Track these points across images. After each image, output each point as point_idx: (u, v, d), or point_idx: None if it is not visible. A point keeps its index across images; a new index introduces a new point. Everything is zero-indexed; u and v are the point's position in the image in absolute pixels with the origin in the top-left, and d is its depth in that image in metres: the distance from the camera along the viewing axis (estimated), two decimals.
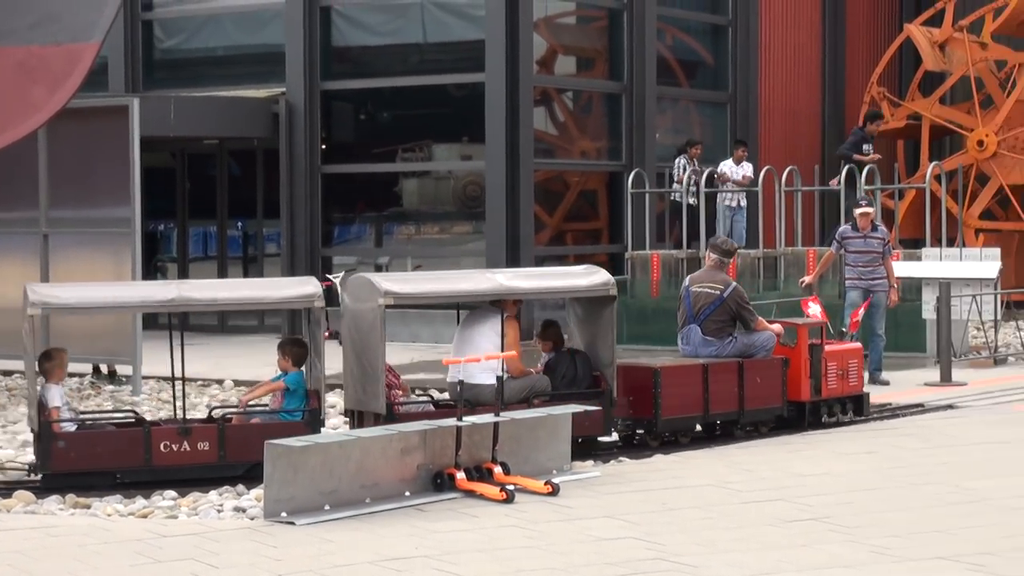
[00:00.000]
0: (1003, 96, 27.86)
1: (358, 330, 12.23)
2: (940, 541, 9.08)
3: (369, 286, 12.09)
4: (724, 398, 13.55)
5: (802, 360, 14.10)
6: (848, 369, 14.52)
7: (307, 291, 12.19)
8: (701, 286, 14.13)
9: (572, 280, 13.20)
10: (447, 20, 24.56)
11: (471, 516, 9.94)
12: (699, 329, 13.98)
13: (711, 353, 13.87)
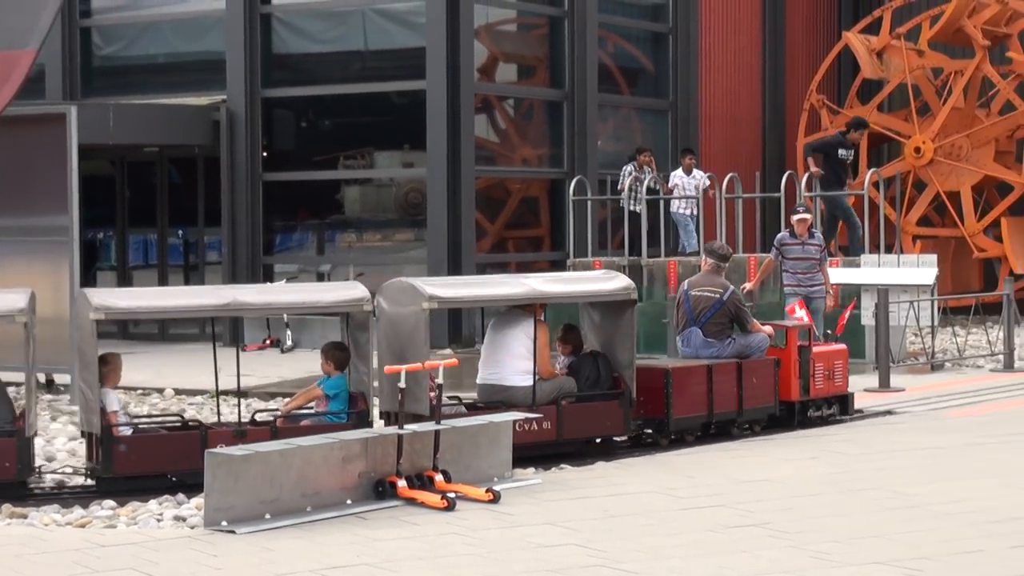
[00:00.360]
0: (939, 103, 28.07)
1: (397, 334, 12.49)
2: (878, 546, 9.12)
3: (412, 291, 12.40)
4: (726, 398, 13.99)
5: (791, 361, 14.58)
6: (834, 370, 15.02)
7: (357, 295, 12.36)
8: (701, 290, 14.57)
9: (597, 284, 13.60)
10: (388, 28, 24.53)
11: (412, 524, 9.91)
12: (700, 331, 14.38)
13: (712, 354, 14.26)
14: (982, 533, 9.45)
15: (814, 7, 31.03)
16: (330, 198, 25.34)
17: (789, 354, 14.58)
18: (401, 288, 12.61)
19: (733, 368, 14.08)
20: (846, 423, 14.92)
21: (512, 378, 12.88)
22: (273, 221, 25.20)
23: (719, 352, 14.25)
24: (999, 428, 14.26)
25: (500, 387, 12.77)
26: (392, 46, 24.73)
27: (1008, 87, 27.81)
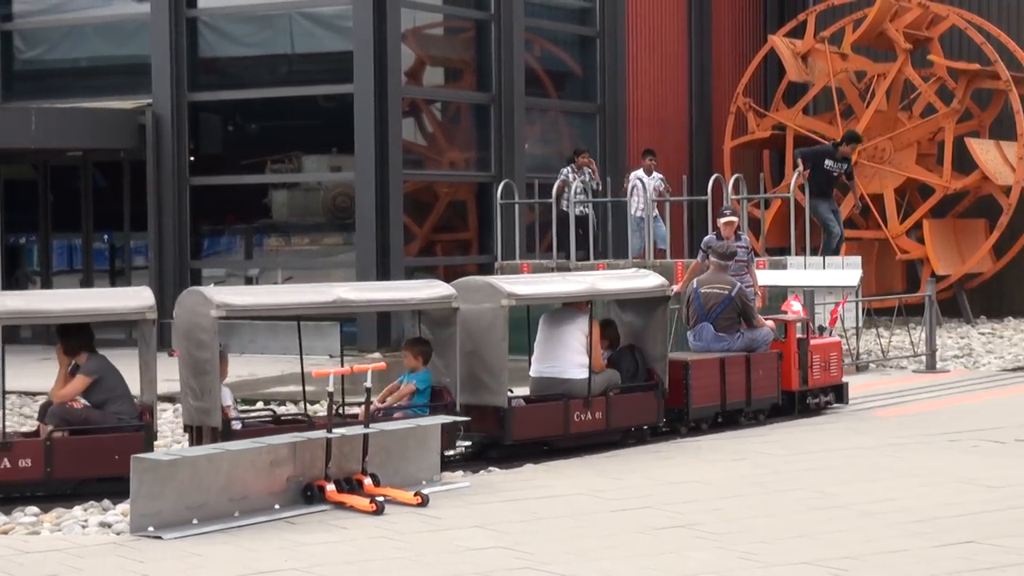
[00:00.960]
0: (863, 106, 28.30)
1: (470, 331, 12.86)
2: (804, 546, 9.19)
3: (489, 288, 12.97)
4: (737, 389, 14.86)
5: (792, 354, 15.50)
6: (830, 361, 16.04)
7: (445, 292, 12.76)
8: (710, 287, 15.47)
9: (639, 282, 14.25)
10: (315, 31, 24.48)
11: (341, 528, 9.89)
12: (711, 326, 15.24)
13: (723, 348, 15.12)
14: (905, 532, 9.53)
15: (739, 11, 31.20)
16: (258, 202, 25.24)
17: (789, 347, 15.50)
18: (476, 286, 13.16)
19: (743, 361, 14.93)
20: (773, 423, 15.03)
21: (571, 371, 13.50)
22: (200, 225, 25.08)
23: (729, 345, 15.11)
24: (921, 428, 14.41)
25: (559, 380, 13.46)
26: (319, 50, 24.67)
27: (929, 90, 28.08)
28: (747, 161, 29.35)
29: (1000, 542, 9.21)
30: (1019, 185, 27.29)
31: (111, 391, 11.78)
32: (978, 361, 21.65)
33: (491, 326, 12.82)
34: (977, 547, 9.09)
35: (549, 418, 13.22)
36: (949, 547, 9.10)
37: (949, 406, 16.36)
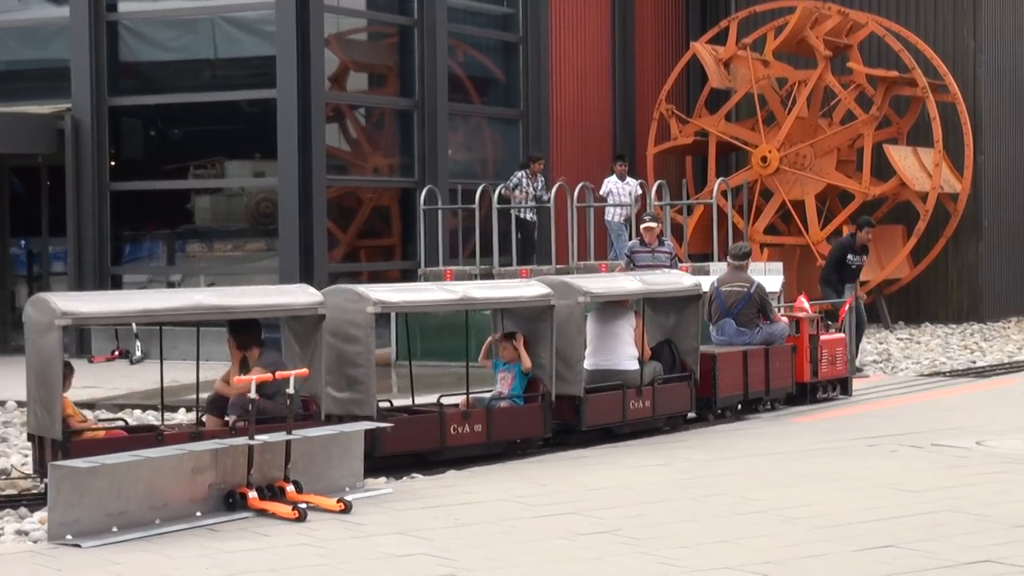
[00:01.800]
0: (785, 113, 28.50)
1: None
2: (726, 551, 9.22)
3: (567, 287, 14.00)
4: (757, 379, 16.10)
5: (804, 348, 16.85)
6: (836, 356, 17.35)
7: (544, 292, 13.78)
8: (730, 286, 16.69)
9: (677, 282, 15.61)
10: (238, 36, 24.36)
11: (263, 535, 9.83)
12: (733, 321, 16.45)
13: (744, 341, 16.33)
14: (825, 537, 9.58)
15: (662, 17, 31.33)
16: (180, 208, 25.07)
17: (802, 341, 16.82)
18: (557, 285, 14.08)
19: (762, 353, 16.19)
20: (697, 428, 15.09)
21: (625, 363, 14.70)
22: (121, 231, 24.88)
23: (750, 339, 16.34)
24: (840, 434, 14.52)
25: (614, 371, 14.62)
26: (242, 54, 24.56)
27: (849, 97, 28.33)
28: (670, 167, 29.49)
29: (918, 546, 9.28)
30: (936, 192, 27.58)
31: (281, 383, 12.06)
32: (896, 366, 21.86)
33: (567, 321, 13.88)
34: (896, 551, 9.15)
35: (612, 406, 14.33)
36: (868, 551, 9.16)
37: (868, 411, 16.50)
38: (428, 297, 13.97)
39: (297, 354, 12.73)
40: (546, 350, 13.76)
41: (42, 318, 11.52)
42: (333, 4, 23.89)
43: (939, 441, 13.76)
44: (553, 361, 13.73)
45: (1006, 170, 31.05)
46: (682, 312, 15.37)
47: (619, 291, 14.83)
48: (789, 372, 16.56)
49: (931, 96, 27.83)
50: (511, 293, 14.07)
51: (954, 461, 12.67)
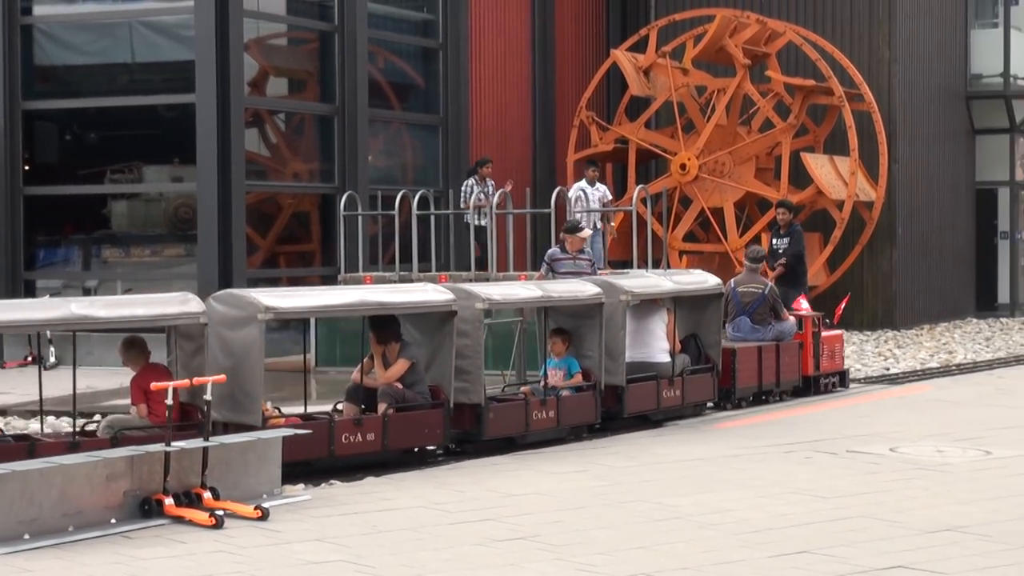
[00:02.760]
0: (704, 121, 28.65)
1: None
2: (643, 557, 9.26)
3: (611, 287, 15.45)
4: (769, 372, 17.74)
5: (809, 343, 18.55)
6: (835, 351, 19.14)
7: (595, 291, 15.09)
8: (746, 287, 18.48)
9: (706, 282, 17.04)
10: (156, 40, 24.20)
11: (179, 542, 9.77)
12: (749, 319, 18.19)
13: (758, 338, 18.02)
14: (743, 543, 9.65)
15: (583, 25, 31.41)
16: (96, 213, 24.86)
17: (807, 338, 18.51)
18: (603, 285, 15.43)
19: (774, 349, 17.88)
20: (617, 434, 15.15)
21: (658, 355, 16.15)
22: (35, 236, 24.64)
23: (763, 336, 18.05)
24: (758, 440, 14.60)
25: (648, 363, 16.02)
26: (160, 59, 24.40)
27: (767, 105, 28.52)
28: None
29: (832, 552, 9.36)
30: (852, 199, 27.82)
31: (418, 374, 13.67)
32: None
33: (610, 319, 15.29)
34: (811, 557, 9.23)
35: (648, 395, 15.77)
36: (784, 557, 9.23)
37: (785, 417, 16.62)
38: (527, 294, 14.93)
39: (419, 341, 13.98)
40: (595, 344, 15.13)
41: (240, 313, 12.45)
42: (253, 9, 23.77)
43: (854, 448, 13.89)
44: (602, 354, 15.08)
45: (919, 179, 31.38)
46: (706, 309, 16.93)
47: (655, 290, 16.21)
48: (796, 366, 18.27)
49: (847, 105, 28.07)
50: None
51: (868, 468, 12.79)
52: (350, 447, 13.08)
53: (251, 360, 12.48)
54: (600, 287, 15.20)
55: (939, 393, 18.94)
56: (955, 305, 32.27)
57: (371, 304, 13.70)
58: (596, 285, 15.25)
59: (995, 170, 34.81)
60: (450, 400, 13.74)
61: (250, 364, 12.48)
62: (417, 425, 13.62)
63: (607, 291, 15.19)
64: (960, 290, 33.03)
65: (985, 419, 16.14)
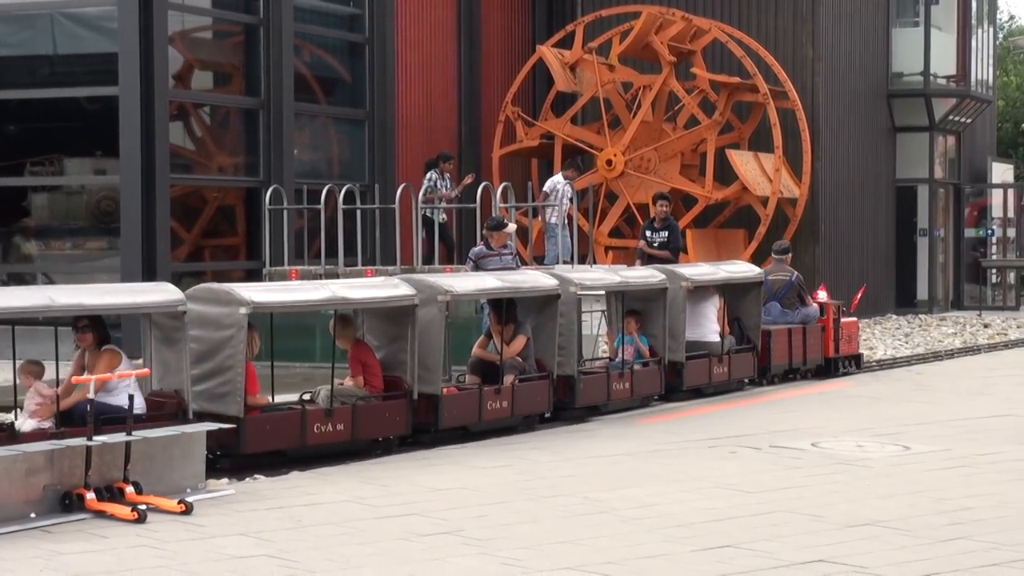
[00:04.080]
0: (629, 117, 28.72)
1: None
2: (568, 552, 9.27)
3: (674, 274, 17.51)
4: (798, 352, 19.73)
5: (830, 328, 20.44)
6: (851, 335, 21.13)
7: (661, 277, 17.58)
8: (775, 275, 20.37)
9: (751, 271, 19.42)
10: (79, 32, 23.98)
11: (101, 537, 9.68)
12: (779, 304, 20.08)
13: (787, 320, 19.94)
14: (666, 537, 9.68)
15: (509, 20, 31.42)
16: (16, 205, 24.62)
17: (828, 323, 20.39)
18: (668, 273, 17.48)
19: (801, 331, 19.84)
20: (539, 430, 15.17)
21: (710, 336, 18.14)
22: None
23: (791, 319, 19.96)
24: (682, 435, 14.67)
25: (702, 342, 18.01)
26: (83, 51, 24.17)
27: (692, 102, 28.64)
28: (515, 169, 29.58)
29: (755, 546, 9.41)
30: (776, 196, 27.97)
31: (530, 349, 15.49)
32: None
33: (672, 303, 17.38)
34: (734, 551, 9.27)
35: (702, 370, 17.80)
36: (707, 551, 9.27)
37: (710, 412, 16.70)
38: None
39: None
40: (659, 324, 17.16)
41: (424, 295, 14.11)
42: (177, 2, 23.62)
43: (777, 442, 13.98)
44: (666, 333, 17.08)
45: (842, 176, 31.62)
46: (748, 295, 19.02)
47: (709, 278, 18.17)
48: (820, 347, 20.19)
49: (772, 102, 28.22)
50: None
51: (791, 462, 12.87)
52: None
53: (432, 335, 14.21)
54: (664, 274, 17.31)
55: (859, 389, 19.10)
56: (876, 301, 32.51)
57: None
58: (661, 272, 17.36)
59: (915, 168, 35.13)
60: (553, 372, 15.59)
61: (431, 339, 14.17)
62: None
63: (670, 277, 17.28)
64: (881, 286, 33.31)
65: (903, 415, 16.29)
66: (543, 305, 15.77)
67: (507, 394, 14.89)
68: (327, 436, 13.28)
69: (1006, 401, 17.34)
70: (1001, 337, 28.34)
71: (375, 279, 16.11)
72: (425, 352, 14.15)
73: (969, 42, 36.33)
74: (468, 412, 14.63)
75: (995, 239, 39.51)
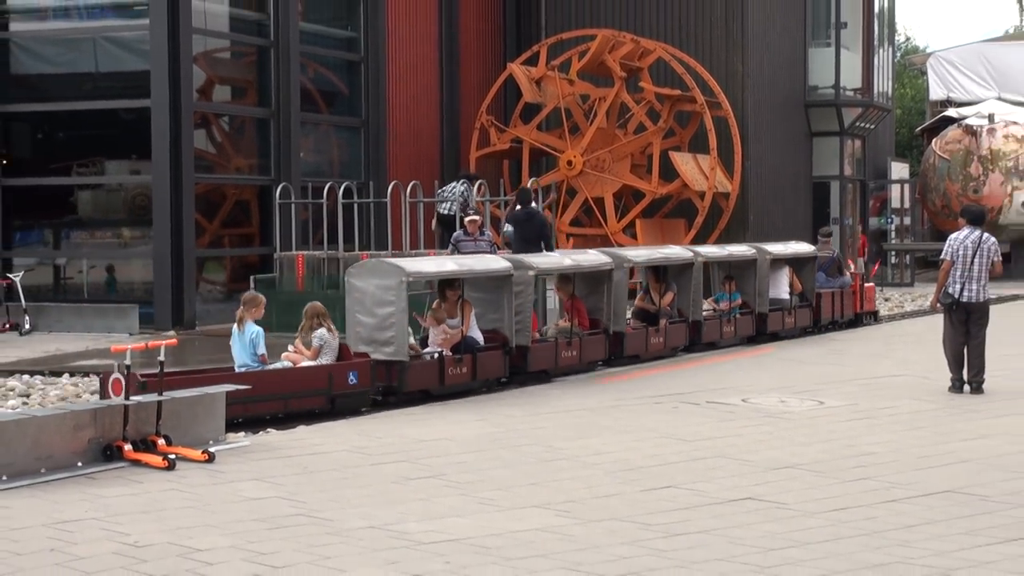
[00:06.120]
0: (587, 124, 28.69)
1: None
2: (535, 493, 9.26)
3: (761, 250, 20.55)
4: (837, 309, 22.49)
5: (858, 292, 23.24)
6: (871, 298, 23.88)
7: (752, 251, 20.71)
8: (822, 253, 22.63)
9: (808, 249, 22.10)
10: (117, 52, 23.85)
11: (137, 482, 9.65)
12: (824, 274, 22.43)
13: (829, 286, 22.47)
14: (619, 480, 9.68)
15: (484, 42, 31.34)
16: (66, 201, 24.54)
17: (856, 288, 23.25)
18: (758, 248, 20.54)
19: (840, 294, 22.63)
20: (513, 388, 15.16)
21: (783, 294, 20.97)
22: (13, 221, 24.26)
23: (832, 285, 22.50)
24: (635, 393, 14.66)
25: (778, 299, 20.78)
26: (121, 68, 24.03)
27: (640, 111, 28.62)
28: (490, 169, 29.54)
29: (694, 486, 9.42)
30: (711, 191, 27.99)
31: (675, 302, 18.79)
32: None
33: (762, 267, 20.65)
34: (676, 491, 9.28)
35: (779, 319, 20.71)
36: (654, 491, 9.27)
37: (658, 374, 16.68)
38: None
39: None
40: (751, 284, 20.24)
41: (613, 262, 16.92)
42: (201, 27, 23.48)
43: (713, 399, 13.97)
44: (755, 292, 20.17)
45: (767, 173, 31.66)
46: (805, 266, 21.62)
47: (782, 253, 21.00)
48: (852, 306, 22.92)
49: (707, 112, 28.22)
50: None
51: (724, 416, 12.88)
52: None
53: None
54: (755, 249, 20.41)
55: (783, 353, 19.12)
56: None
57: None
58: (751, 248, 20.53)
59: (828, 166, 35.21)
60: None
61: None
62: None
63: (759, 252, 20.34)
64: None
65: (820, 375, 16.31)
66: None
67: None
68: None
69: (903, 363, 17.39)
70: (899, 309, 28.43)
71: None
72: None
73: (872, 60, 36.43)
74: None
75: (894, 227, 39.65)
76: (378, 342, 13.77)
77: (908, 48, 65.99)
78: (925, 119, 45.98)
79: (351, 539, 7.94)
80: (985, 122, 35.37)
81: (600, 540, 7.89)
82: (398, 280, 13.83)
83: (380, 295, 13.84)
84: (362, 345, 13.79)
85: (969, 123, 35.65)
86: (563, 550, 7.66)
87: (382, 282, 13.85)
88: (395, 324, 13.73)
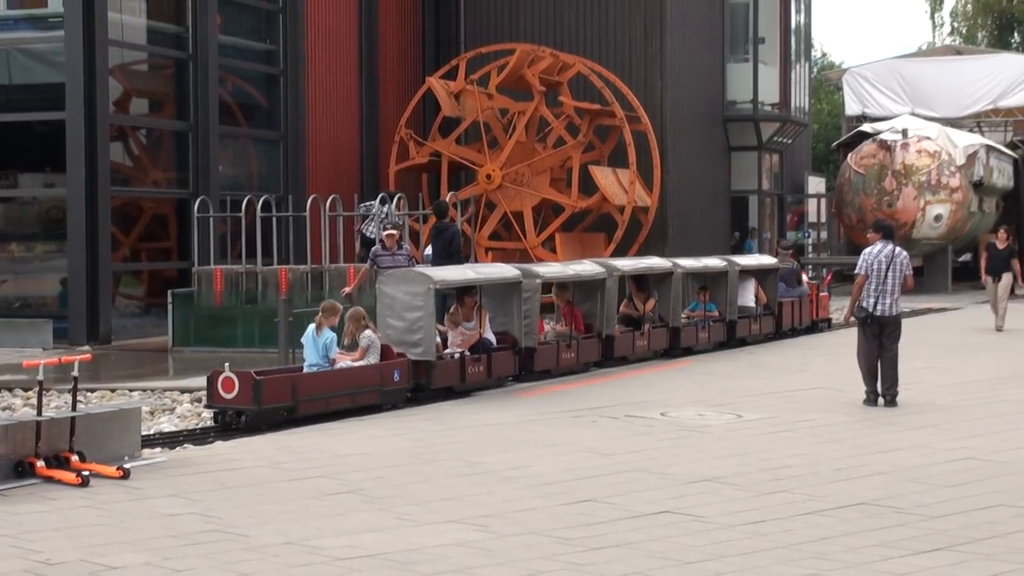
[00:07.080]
0: (506, 138, 28.74)
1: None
2: (452, 507, 9.23)
3: (730, 263, 21.65)
4: (797, 316, 23.73)
5: (814, 301, 24.65)
6: (825, 306, 25.40)
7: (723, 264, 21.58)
8: (782, 265, 23.48)
9: (770, 261, 23.64)
10: (31, 65, 23.58)
11: (49, 499, 9.51)
12: (784, 284, 23.36)
13: (790, 295, 23.59)
14: (537, 494, 9.68)
15: (403, 55, 31.32)
16: None
17: (813, 297, 24.63)
18: (728, 261, 21.61)
19: (799, 302, 23.91)
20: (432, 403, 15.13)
21: (749, 303, 22.17)
22: None
23: (792, 294, 23.68)
24: (553, 407, 14.64)
25: (744, 307, 21.97)
26: (35, 81, 23.76)
27: (559, 125, 28.72)
28: (409, 182, 29.49)
29: (612, 500, 9.44)
30: (631, 205, 28.14)
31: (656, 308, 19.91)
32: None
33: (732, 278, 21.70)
34: (594, 504, 9.29)
35: (746, 326, 21.82)
36: (572, 505, 9.28)
37: (576, 388, 16.67)
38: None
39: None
40: (722, 295, 21.25)
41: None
42: (117, 39, 23.27)
43: (631, 413, 13.99)
44: (727, 301, 21.20)
45: (686, 187, 31.88)
46: (768, 277, 22.73)
47: (749, 265, 22.41)
48: (808, 313, 24.27)
49: (627, 126, 28.38)
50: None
51: (643, 429, 12.90)
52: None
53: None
54: (726, 262, 21.57)
55: (701, 367, 19.20)
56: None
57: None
58: (723, 260, 21.63)
59: (746, 180, 35.55)
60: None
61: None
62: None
63: (729, 264, 21.46)
64: None
65: (738, 388, 16.39)
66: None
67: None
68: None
69: (819, 376, 17.54)
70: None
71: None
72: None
73: (789, 75, 36.82)
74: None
75: (811, 241, 40.06)
76: (408, 343, 14.84)
77: (824, 64, 66.77)
78: (841, 134, 46.54)
79: (267, 555, 7.87)
80: (899, 137, 35.87)
81: (517, 554, 7.88)
82: (426, 287, 14.92)
83: (409, 300, 14.95)
84: (392, 347, 14.80)
85: (883, 138, 36.14)
86: (479, 564, 7.64)
87: (411, 289, 15.00)
88: (423, 327, 14.86)
